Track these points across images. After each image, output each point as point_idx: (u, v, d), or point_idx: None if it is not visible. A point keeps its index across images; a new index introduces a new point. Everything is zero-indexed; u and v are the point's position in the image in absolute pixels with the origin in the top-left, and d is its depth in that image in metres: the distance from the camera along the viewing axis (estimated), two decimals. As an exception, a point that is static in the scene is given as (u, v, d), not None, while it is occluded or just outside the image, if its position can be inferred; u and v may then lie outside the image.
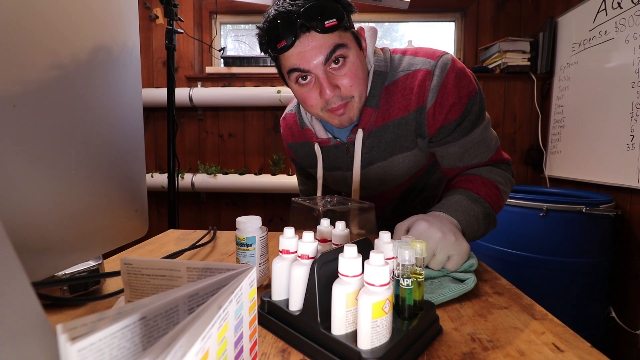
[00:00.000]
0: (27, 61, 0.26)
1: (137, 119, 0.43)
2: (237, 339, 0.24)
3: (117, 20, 0.38)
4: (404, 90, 0.68)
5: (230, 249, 0.74)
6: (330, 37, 0.59)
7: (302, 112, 0.81)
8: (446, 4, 2.14)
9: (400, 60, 0.71)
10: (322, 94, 0.62)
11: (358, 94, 0.64)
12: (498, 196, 0.68)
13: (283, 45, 0.59)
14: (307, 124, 0.79)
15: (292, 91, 0.68)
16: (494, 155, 0.72)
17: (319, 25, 0.57)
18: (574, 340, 0.40)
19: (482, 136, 0.70)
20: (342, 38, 0.60)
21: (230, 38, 2.31)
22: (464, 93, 0.66)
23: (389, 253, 0.39)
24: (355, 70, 0.62)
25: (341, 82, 0.62)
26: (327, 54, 0.59)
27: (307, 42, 0.58)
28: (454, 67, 0.66)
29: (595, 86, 1.61)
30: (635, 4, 1.39)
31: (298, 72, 0.62)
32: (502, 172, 0.72)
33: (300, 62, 0.60)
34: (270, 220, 2.18)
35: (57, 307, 0.46)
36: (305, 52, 0.59)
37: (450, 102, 0.66)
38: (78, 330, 0.16)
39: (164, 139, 2.15)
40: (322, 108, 0.65)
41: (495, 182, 0.68)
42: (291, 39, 0.58)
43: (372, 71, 0.69)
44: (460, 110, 0.66)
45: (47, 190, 0.28)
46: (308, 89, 0.63)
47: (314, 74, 0.61)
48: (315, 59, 0.59)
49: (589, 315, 1.39)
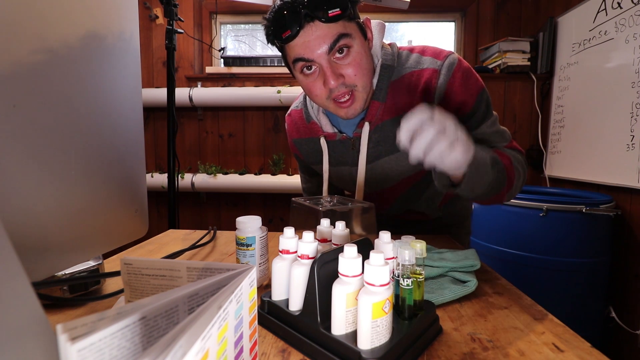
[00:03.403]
0: (28, 61, 0.26)
1: (137, 119, 0.43)
2: (237, 339, 0.24)
3: (117, 18, 0.38)
4: (409, 87, 0.69)
5: (230, 249, 0.74)
6: (334, 26, 0.59)
7: (308, 106, 0.82)
8: (446, 4, 2.14)
9: (408, 57, 0.71)
10: (326, 83, 0.63)
11: (362, 83, 0.65)
12: (509, 163, 0.64)
13: (288, 35, 0.60)
14: (313, 118, 0.80)
15: (298, 81, 0.68)
16: (509, 144, 0.72)
17: (323, 15, 0.58)
18: (574, 340, 0.40)
19: (492, 129, 0.70)
20: (346, 28, 0.61)
21: (230, 38, 2.31)
22: (473, 90, 0.67)
23: (389, 253, 0.39)
24: (360, 59, 0.63)
25: (345, 72, 0.63)
26: (331, 43, 0.60)
27: (311, 32, 0.59)
28: (460, 66, 0.67)
29: (595, 86, 1.61)
30: (635, 4, 1.39)
31: (303, 62, 0.63)
32: (516, 154, 0.69)
33: (304, 52, 0.61)
34: (270, 220, 2.18)
35: (57, 307, 0.46)
36: (309, 42, 0.60)
37: (459, 100, 0.66)
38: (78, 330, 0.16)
39: (164, 139, 2.15)
40: (327, 97, 0.66)
41: (509, 154, 0.67)
42: (295, 28, 0.59)
43: (379, 64, 0.69)
44: (470, 106, 0.67)
45: (47, 190, 0.28)
46: (313, 78, 0.64)
47: (318, 63, 0.62)
48: (319, 49, 0.60)
49: (589, 315, 1.39)
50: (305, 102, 0.84)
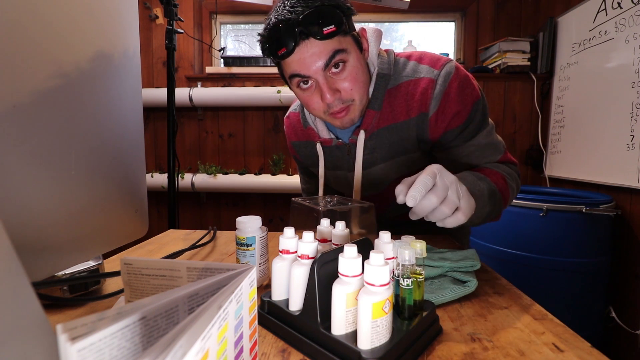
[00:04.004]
0: (28, 62, 0.26)
1: (137, 119, 0.43)
2: (237, 339, 0.24)
3: (118, 23, 0.38)
4: (406, 96, 0.69)
5: (230, 249, 0.74)
6: (329, 43, 0.59)
7: (305, 112, 0.82)
8: (446, 4, 2.14)
9: (405, 65, 0.71)
10: (323, 98, 0.63)
11: (359, 97, 0.65)
12: (504, 186, 0.66)
13: (283, 52, 0.60)
14: (310, 124, 0.81)
15: (295, 95, 0.69)
16: (502, 156, 0.72)
17: (317, 32, 0.57)
18: (574, 340, 0.40)
19: (487, 140, 0.70)
20: (342, 43, 0.61)
21: (230, 38, 2.31)
22: (467, 100, 0.66)
23: (389, 253, 0.39)
24: (356, 73, 0.63)
25: (341, 86, 0.63)
26: (327, 59, 0.60)
27: (307, 49, 0.59)
28: (457, 75, 0.66)
29: (595, 86, 1.61)
30: (635, 4, 1.39)
31: (299, 78, 0.63)
32: (509, 170, 0.70)
33: (300, 68, 0.61)
34: (270, 220, 2.18)
35: (57, 307, 0.46)
36: (304, 59, 0.60)
37: (454, 111, 0.66)
38: (78, 330, 0.16)
39: (164, 139, 2.15)
40: (325, 112, 0.66)
41: (503, 173, 0.67)
42: (291, 45, 0.59)
43: (375, 73, 0.69)
44: (465, 117, 0.67)
45: (47, 190, 0.28)
46: (310, 92, 0.65)
47: (314, 79, 0.62)
48: (315, 65, 0.60)
49: (589, 315, 1.39)
50: (302, 107, 0.84)
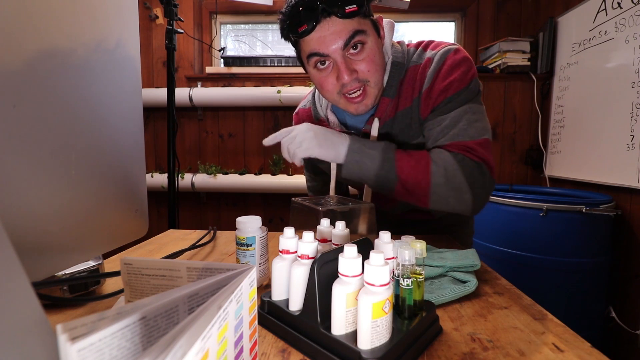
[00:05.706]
0: (28, 62, 0.26)
1: (137, 119, 0.43)
2: (237, 339, 0.24)
3: (117, 19, 0.38)
4: (412, 81, 0.70)
5: (230, 249, 0.74)
6: (350, 22, 0.60)
7: (317, 104, 0.83)
8: (446, 4, 2.14)
9: (414, 53, 0.73)
10: (340, 77, 0.63)
11: (374, 79, 0.65)
12: (418, 170, 0.63)
13: (304, 29, 0.60)
14: (322, 115, 0.81)
15: (310, 76, 0.69)
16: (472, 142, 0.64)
17: (339, 11, 0.58)
18: (574, 340, 0.40)
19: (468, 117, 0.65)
20: (362, 24, 0.62)
21: (230, 38, 2.31)
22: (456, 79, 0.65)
23: (389, 253, 0.39)
24: (373, 56, 0.64)
25: (359, 67, 0.63)
26: (347, 39, 0.60)
27: (328, 27, 0.60)
28: (454, 55, 0.67)
29: (595, 86, 1.61)
30: (635, 4, 1.39)
31: (317, 57, 0.63)
32: (455, 163, 0.63)
33: (319, 47, 0.62)
34: (270, 220, 2.18)
35: (57, 307, 0.46)
36: (325, 37, 0.60)
37: (441, 87, 0.66)
38: (78, 330, 0.16)
39: (164, 139, 2.15)
40: (339, 92, 0.66)
41: (436, 158, 0.64)
42: (312, 23, 0.60)
43: (390, 62, 0.70)
44: (448, 95, 0.66)
45: (47, 190, 0.28)
46: (326, 73, 0.65)
47: (332, 58, 0.63)
48: (335, 44, 0.61)
49: (589, 315, 1.39)
50: (314, 100, 0.85)
